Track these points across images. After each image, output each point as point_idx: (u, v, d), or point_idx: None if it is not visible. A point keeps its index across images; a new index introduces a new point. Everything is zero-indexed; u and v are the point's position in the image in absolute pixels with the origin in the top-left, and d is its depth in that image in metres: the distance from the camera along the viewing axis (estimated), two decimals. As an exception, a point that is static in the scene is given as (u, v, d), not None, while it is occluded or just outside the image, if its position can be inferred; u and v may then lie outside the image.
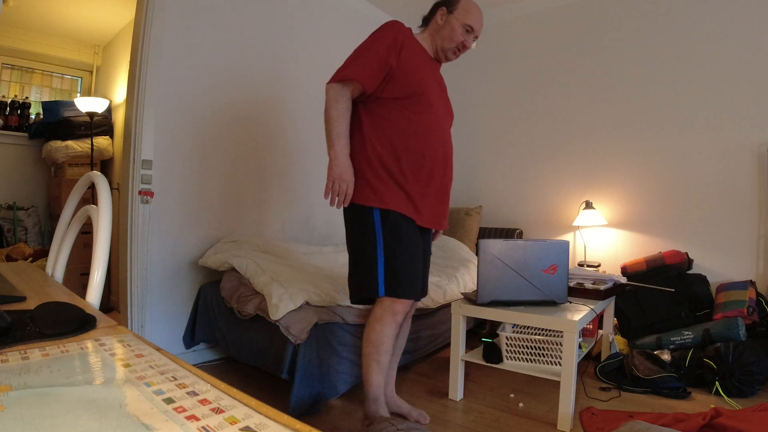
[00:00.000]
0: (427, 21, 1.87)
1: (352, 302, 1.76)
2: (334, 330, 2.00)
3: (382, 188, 1.64)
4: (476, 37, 1.79)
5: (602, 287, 2.22)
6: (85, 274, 3.08)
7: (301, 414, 1.80)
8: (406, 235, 1.65)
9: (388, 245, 1.63)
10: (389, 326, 1.63)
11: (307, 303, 1.96)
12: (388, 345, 1.63)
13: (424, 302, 2.33)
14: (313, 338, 1.88)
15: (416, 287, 1.68)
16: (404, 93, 1.66)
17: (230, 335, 2.21)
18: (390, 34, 1.67)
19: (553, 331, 1.98)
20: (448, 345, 2.20)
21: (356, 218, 1.69)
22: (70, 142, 3.57)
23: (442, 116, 1.78)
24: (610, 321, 2.51)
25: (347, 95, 1.65)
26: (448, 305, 2.47)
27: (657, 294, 2.47)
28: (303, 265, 2.46)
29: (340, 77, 1.64)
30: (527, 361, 1.99)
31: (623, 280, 2.49)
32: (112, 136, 3.77)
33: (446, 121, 1.82)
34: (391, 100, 1.67)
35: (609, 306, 2.49)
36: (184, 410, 0.47)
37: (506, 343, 2.01)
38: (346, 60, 1.69)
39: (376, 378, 1.65)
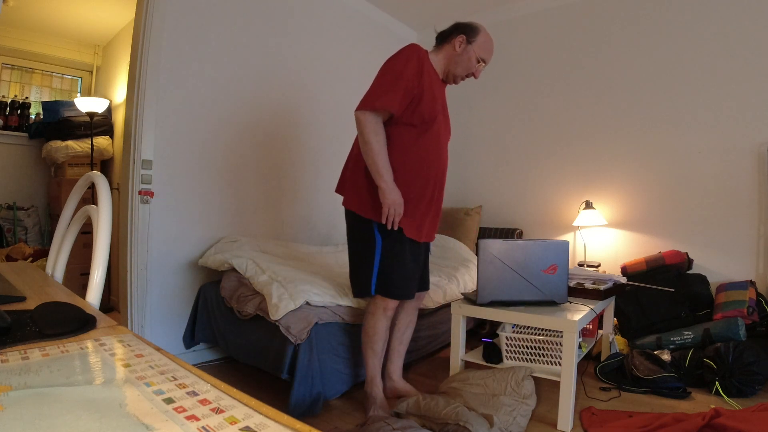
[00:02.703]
0: (442, 40, 1.88)
1: (353, 296, 1.99)
2: (334, 330, 2.00)
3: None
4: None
5: (602, 287, 2.22)
6: (85, 274, 3.08)
7: (301, 414, 1.80)
8: (404, 246, 1.81)
9: (385, 254, 1.80)
10: (380, 320, 1.84)
11: (307, 303, 1.96)
12: (381, 335, 1.85)
13: (424, 302, 2.33)
14: (313, 338, 1.88)
15: (408, 289, 1.86)
16: (419, 120, 1.74)
17: (230, 335, 2.21)
18: (414, 62, 1.72)
19: (553, 331, 1.98)
20: (448, 345, 2.20)
21: (357, 225, 1.85)
22: (70, 142, 3.58)
23: (444, 138, 1.88)
24: (610, 321, 2.51)
25: (382, 124, 1.71)
26: (447, 305, 2.47)
27: (657, 294, 2.47)
28: (303, 265, 2.46)
29: (375, 107, 1.67)
30: (527, 361, 1.99)
31: (623, 280, 2.49)
32: (112, 136, 3.77)
33: (446, 141, 1.92)
34: (406, 125, 1.74)
35: (609, 306, 2.49)
36: (184, 410, 0.47)
37: (506, 343, 2.01)
38: (375, 85, 1.71)
39: (372, 361, 1.88)
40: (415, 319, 2.12)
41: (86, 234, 1.88)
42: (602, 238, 3.18)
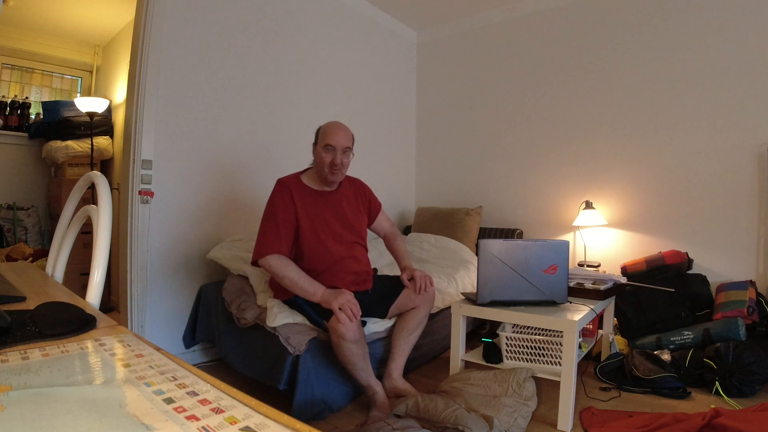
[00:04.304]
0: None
1: None
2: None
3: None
4: (347, 149, 1.97)
5: (602, 287, 2.21)
6: (85, 274, 3.09)
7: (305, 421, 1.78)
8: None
9: (306, 300, 1.91)
10: (343, 347, 1.79)
11: (306, 324, 1.93)
12: (354, 355, 1.81)
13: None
14: (313, 350, 1.86)
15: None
16: (305, 242, 1.95)
17: (227, 339, 2.19)
18: (284, 197, 1.94)
19: (553, 331, 1.98)
20: (448, 348, 2.19)
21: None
22: (70, 142, 3.58)
23: (335, 244, 2.00)
24: (610, 321, 2.51)
25: (282, 257, 1.87)
26: (447, 308, 2.46)
27: (657, 294, 2.47)
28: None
29: (263, 254, 1.86)
30: (527, 361, 1.99)
31: (623, 280, 2.48)
32: (112, 136, 3.77)
33: (340, 245, 2.02)
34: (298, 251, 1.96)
35: (609, 306, 2.48)
36: (184, 410, 0.47)
37: (506, 343, 2.01)
38: (260, 234, 1.91)
39: (359, 375, 1.88)
40: (425, 321, 2.11)
41: (86, 234, 1.88)
42: (602, 238, 3.18)
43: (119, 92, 3.75)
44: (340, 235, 2.03)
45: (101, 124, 3.67)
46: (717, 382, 2.06)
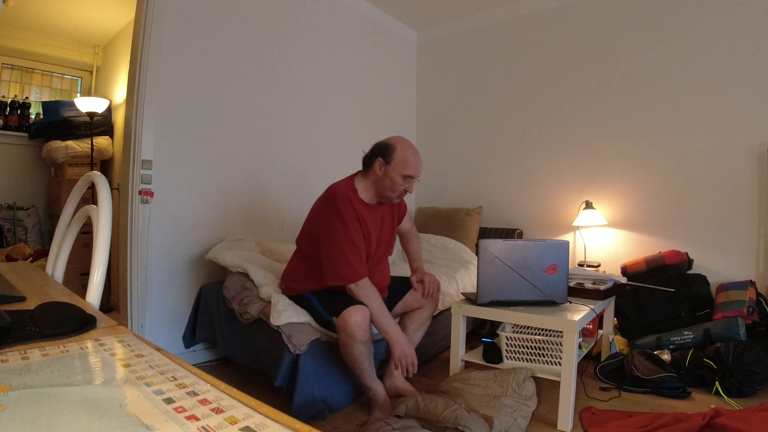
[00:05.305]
0: (366, 165, 1.92)
1: None
2: (336, 346, 1.98)
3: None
4: (417, 178, 1.90)
5: (602, 287, 2.21)
6: (85, 274, 3.08)
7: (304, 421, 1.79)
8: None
9: (318, 296, 1.93)
10: (351, 346, 1.76)
11: (310, 325, 1.93)
12: (360, 357, 1.79)
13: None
14: (314, 349, 1.86)
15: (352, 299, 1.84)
16: None
17: (230, 336, 2.20)
18: (354, 219, 1.82)
19: (553, 331, 1.98)
20: (448, 347, 2.19)
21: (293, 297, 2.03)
22: (70, 142, 3.58)
23: (379, 258, 2.00)
24: (610, 321, 2.51)
25: (371, 284, 1.83)
26: (447, 309, 2.46)
27: (657, 294, 2.47)
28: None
29: (355, 279, 1.80)
30: (527, 361, 1.99)
31: (623, 280, 2.48)
32: (112, 136, 3.77)
33: (382, 262, 2.04)
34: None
35: (609, 306, 2.48)
36: (184, 410, 0.47)
37: (506, 343, 2.01)
38: (338, 256, 1.80)
39: (364, 376, 1.85)
40: (428, 322, 2.13)
41: (86, 234, 1.88)
42: (602, 238, 3.18)
43: (119, 92, 3.75)
44: (377, 247, 1.99)
45: (101, 124, 3.67)
46: (717, 382, 2.06)
